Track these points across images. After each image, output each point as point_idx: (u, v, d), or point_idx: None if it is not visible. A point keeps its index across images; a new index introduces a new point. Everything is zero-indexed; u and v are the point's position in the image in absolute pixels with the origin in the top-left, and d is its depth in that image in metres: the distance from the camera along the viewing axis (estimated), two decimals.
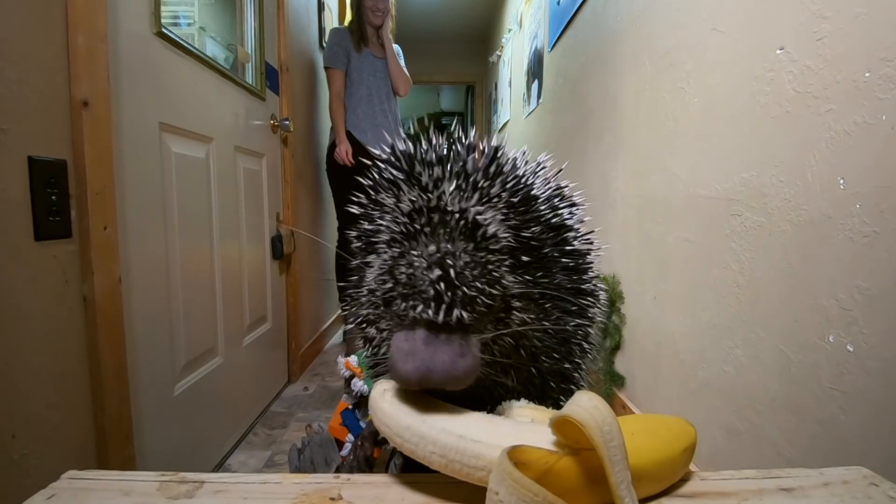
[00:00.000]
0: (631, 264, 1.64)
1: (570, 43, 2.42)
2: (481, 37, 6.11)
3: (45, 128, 0.88)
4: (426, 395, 0.51)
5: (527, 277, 0.54)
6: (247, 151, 1.83)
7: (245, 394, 1.80)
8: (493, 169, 0.54)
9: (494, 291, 0.50)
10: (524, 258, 0.53)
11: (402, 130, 2.76)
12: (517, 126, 3.94)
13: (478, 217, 0.50)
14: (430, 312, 0.47)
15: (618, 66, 1.78)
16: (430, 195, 0.51)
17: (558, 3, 2.59)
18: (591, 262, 0.66)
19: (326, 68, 2.65)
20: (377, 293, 0.53)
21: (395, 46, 2.87)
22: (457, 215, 0.50)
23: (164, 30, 1.26)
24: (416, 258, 0.50)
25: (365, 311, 0.59)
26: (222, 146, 1.60)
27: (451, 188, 0.51)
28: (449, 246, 0.49)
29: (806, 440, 0.87)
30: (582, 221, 0.66)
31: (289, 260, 2.28)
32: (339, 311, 3.10)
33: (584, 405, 0.42)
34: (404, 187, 0.53)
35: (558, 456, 0.44)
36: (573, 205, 0.65)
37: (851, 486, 0.50)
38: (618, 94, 1.77)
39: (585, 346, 0.65)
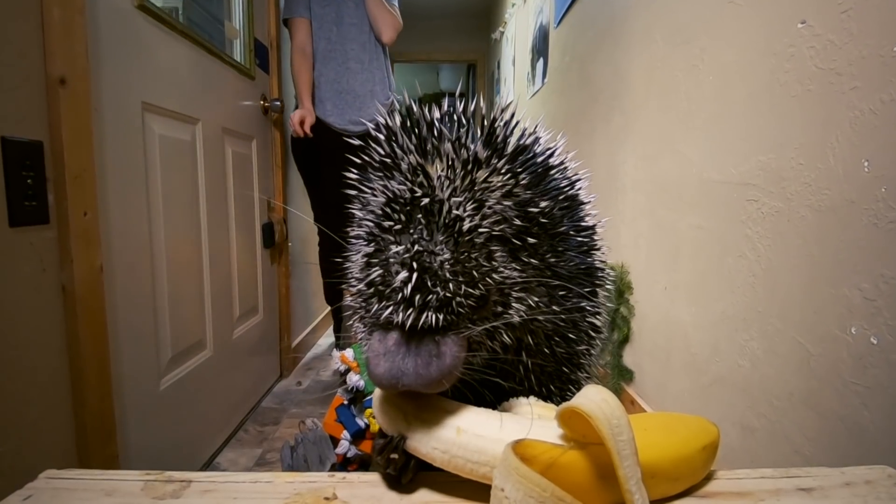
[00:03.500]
0: (640, 253, 1.63)
1: (577, 18, 2.40)
2: (483, 12, 6.06)
3: (19, 107, 0.87)
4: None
5: (532, 261, 0.53)
6: (235, 133, 1.82)
7: (235, 389, 1.80)
8: (497, 140, 0.52)
9: (477, 291, 0.48)
10: (531, 240, 0.52)
11: (390, 93, 2.27)
12: (521, 107, 3.92)
13: (468, 205, 0.49)
14: (401, 316, 0.47)
15: (628, 42, 1.76)
16: (409, 184, 0.50)
17: None
18: (601, 239, 0.66)
19: (285, 21, 2.20)
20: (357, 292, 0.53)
21: None
22: (437, 206, 0.49)
23: (146, 3, 1.24)
24: (390, 256, 0.49)
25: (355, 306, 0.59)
26: (209, 128, 1.59)
27: (438, 174, 0.50)
28: (426, 242, 0.48)
29: (826, 438, 0.86)
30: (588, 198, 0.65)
31: (280, 249, 2.27)
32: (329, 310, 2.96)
33: (593, 398, 0.42)
34: (382, 174, 0.52)
35: (563, 449, 0.44)
36: (579, 179, 0.65)
37: (875, 487, 0.50)
38: (628, 73, 1.76)
39: (598, 324, 0.64)
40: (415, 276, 0.47)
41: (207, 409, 1.58)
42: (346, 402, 1.37)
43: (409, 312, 0.47)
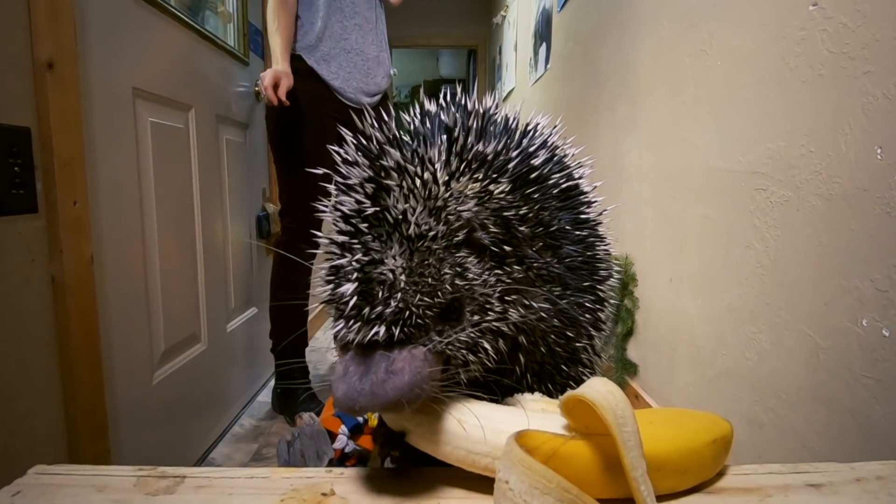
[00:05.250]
0: (645, 244, 1.63)
1: (581, 2, 2.38)
2: None
3: (5, 92, 0.86)
4: None
5: (515, 268, 0.52)
6: (229, 121, 1.81)
7: (230, 383, 1.80)
8: (465, 147, 0.51)
9: (437, 300, 0.47)
10: (506, 248, 0.51)
11: (388, 59, 1.97)
12: (523, 94, 3.90)
13: (424, 214, 0.48)
14: (353, 333, 0.46)
15: (633, 26, 1.75)
16: (359, 196, 0.49)
17: None
18: (605, 230, 0.65)
19: None
20: None
21: None
22: (391, 217, 0.48)
23: None
24: (339, 270, 0.49)
25: None
26: (202, 115, 1.58)
27: (394, 185, 0.49)
28: (377, 253, 0.47)
29: (836, 432, 0.86)
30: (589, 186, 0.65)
31: (276, 239, 2.26)
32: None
33: (598, 388, 0.42)
34: (337, 189, 0.52)
35: (565, 439, 0.44)
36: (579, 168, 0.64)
37: (887, 482, 0.50)
38: (633, 59, 1.75)
39: (601, 318, 0.64)
40: (356, 287, 0.47)
41: (201, 403, 1.58)
42: None
43: (357, 327, 0.46)
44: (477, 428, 0.47)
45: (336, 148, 0.55)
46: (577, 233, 0.59)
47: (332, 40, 1.77)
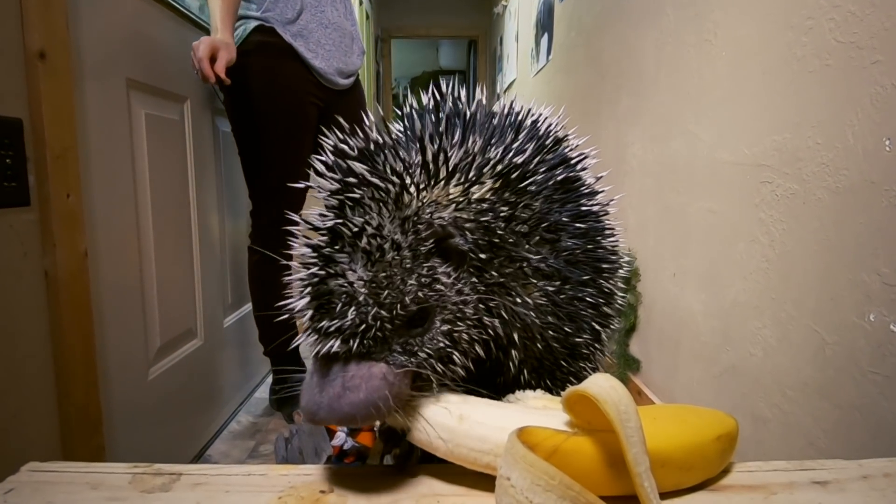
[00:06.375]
0: (648, 238, 1.63)
1: None
2: None
3: None
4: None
5: (492, 273, 0.52)
6: (226, 113, 1.80)
7: (227, 379, 1.80)
8: (445, 151, 0.51)
9: (395, 312, 0.47)
10: (483, 255, 0.51)
11: (360, 33, 1.82)
12: (524, 86, 3.90)
13: (390, 225, 0.48)
14: (313, 346, 0.47)
15: (637, 16, 1.74)
16: (331, 207, 0.50)
17: None
18: (610, 220, 0.65)
19: None
20: None
21: None
22: (351, 230, 0.48)
23: None
24: (299, 285, 0.50)
25: None
26: (198, 107, 1.57)
27: (362, 196, 0.49)
28: (338, 266, 0.48)
29: (842, 429, 0.87)
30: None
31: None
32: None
33: (602, 384, 0.42)
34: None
35: (567, 435, 0.44)
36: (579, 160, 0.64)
37: (894, 480, 0.50)
38: (636, 49, 1.74)
39: (607, 312, 0.64)
40: (311, 301, 0.48)
41: (198, 399, 1.58)
42: None
43: (315, 340, 0.47)
44: (478, 426, 0.47)
45: (315, 157, 0.55)
46: (578, 225, 0.59)
47: (310, 12, 1.58)
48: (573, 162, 0.64)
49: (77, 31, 1.05)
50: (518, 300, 0.53)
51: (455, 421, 0.47)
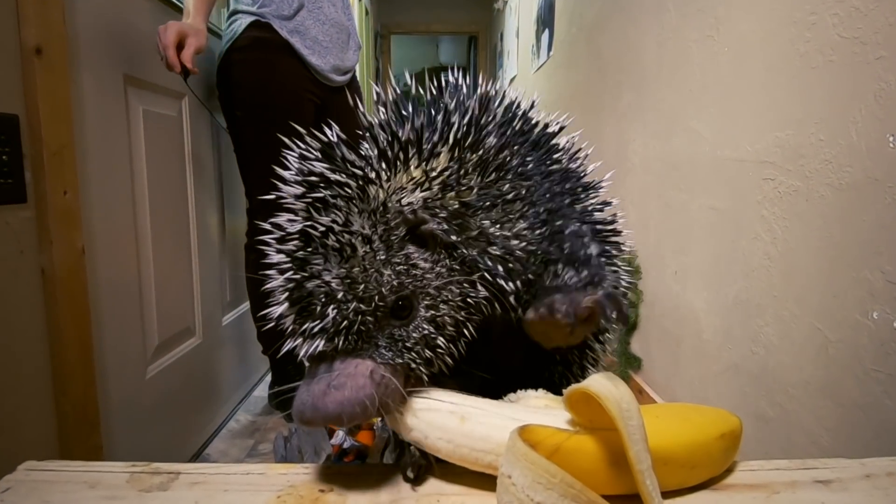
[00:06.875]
0: (650, 236, 1.63)
1: None
2: None
3: None
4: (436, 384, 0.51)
5: (470, 246, 0.51)
6: (222, 110, 1.79)
7: (225, 377, 1.80)
8: (393, 135, 0.51)
9: (374, 306, 0.47)
10: (456, 229, 0.50)
11: (355, 27, 1.77)
12: (525, 82, 3.89)
13: (359, 220, 0.48)
14: (300, 349, 0.48)
15: (638, 12, 1.74)
16: (297, 212, 0.50)
17: None
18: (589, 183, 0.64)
19: None
20: None
21: None
22: (319, 231, 0.48)
23: None
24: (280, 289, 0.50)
25: None
26: (196, 103, 1.57)
27: (324, 196, 0.49)
28: (314, 267, 0.48)
29: (845, 428, 0.87)
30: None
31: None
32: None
33: (602, 382, 0.42)
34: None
35: (568, 434, 0.44)
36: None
37: None
38: (638, 45, 1.74)
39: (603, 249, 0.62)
40: (290, 306, 0.48)
41: (196, 398, 1.58)
42: None
43: (300, 343, 0.48)
44: (480, 426, 0.46)
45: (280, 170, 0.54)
46: (552, 173, 0.59)
47: (308, 9, 1.55)
48: (534, 122, 0.63)
49: (74, 26, 1.05)
50: (502, 239, 0.52)
51: (457, 422, 0.47)
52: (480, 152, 0.53)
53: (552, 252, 0.54)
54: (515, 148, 0.56)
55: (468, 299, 0.51)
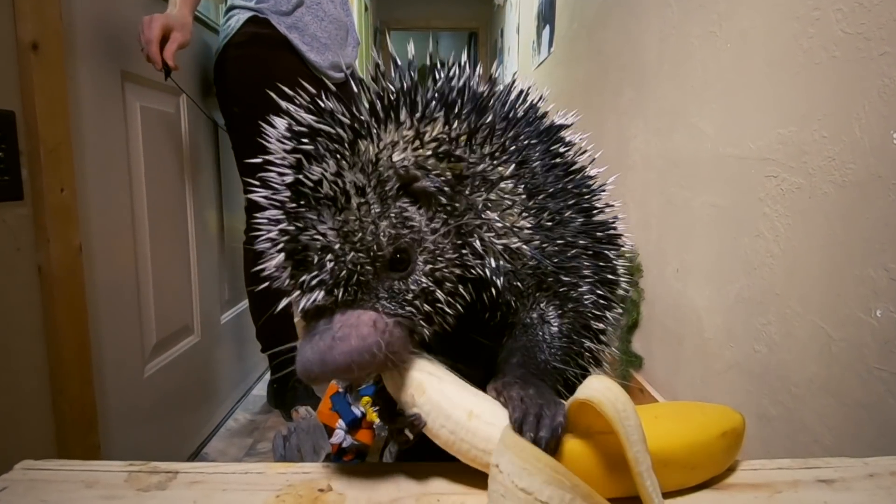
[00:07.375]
0: (651, 234, 1.62)
1: None
2: None
3: None
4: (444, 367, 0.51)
5: (464, 206, 0.51)
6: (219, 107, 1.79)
7: (224, 376, 1.80)
8: (390, 92, 0.51)
9: (372, 255, 0.47)
10: (448, 190, 0.50)
11: (353, 23, 1.75)
12: (526, 79, 3.88)
13: (351, 174, 0.48)
14: (299, 303, 0.47)
15: (640, 7, 1.74)
16: (288, 165, 0.50)
17: None
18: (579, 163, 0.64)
19: None
20: None
21: None
22: (311, 182, 0.47)
23: None
24: (274, 242, 0.49)
25: None
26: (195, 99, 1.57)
27: (316, 148, 0.49)
28: (305, 221, 0.47)
29: (848, 427, 0.87)
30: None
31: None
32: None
33: (596, 386, 0.42)
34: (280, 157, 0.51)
35: (569, 436, 0.44)
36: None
37: None
38: (639, 41, 1.74)
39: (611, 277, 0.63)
40: (287, 256, 0.47)
41: (195, 396, 1.58)
42: (341, 390, 1.37)
43: (299, 295, 0.47)
44: (486, 426, 0.46)
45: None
46: (549, 146, 0.60)
47: (307, 5, 1.54)
48: (540, 112, 0.63)
49: (70, 22, 1.05)
50: (496, 226, 0.52)
51: (465, 415, 0.46)
52: (478, 126, 0.53)
53: (544, 267, 0.55)
54: (516, 132, 0.56)
55: (464, 256, 0.51)
